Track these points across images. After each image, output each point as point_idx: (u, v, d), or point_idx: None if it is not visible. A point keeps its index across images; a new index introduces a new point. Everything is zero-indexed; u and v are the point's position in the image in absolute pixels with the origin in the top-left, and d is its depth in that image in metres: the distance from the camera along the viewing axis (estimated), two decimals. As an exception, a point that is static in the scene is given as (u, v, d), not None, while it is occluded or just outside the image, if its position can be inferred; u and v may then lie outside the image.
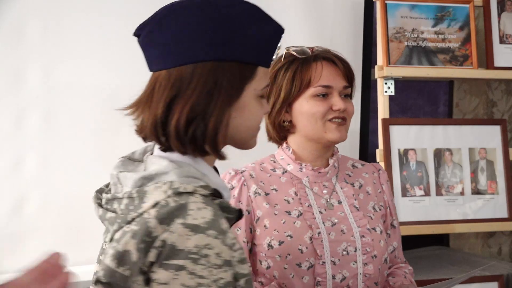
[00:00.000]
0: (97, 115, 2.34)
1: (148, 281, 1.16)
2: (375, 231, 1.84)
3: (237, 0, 1.29)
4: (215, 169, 1.36)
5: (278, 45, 1.34)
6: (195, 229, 1.17)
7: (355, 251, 1.79)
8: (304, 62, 1.83)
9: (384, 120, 2.67)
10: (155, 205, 1.18)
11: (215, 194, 1.24)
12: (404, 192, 2.64)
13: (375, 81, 2.71)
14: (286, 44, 1.85)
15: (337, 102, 1.80)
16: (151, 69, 1.28)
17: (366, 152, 2.88)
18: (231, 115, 1.27)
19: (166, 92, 1.24)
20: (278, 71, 1.86)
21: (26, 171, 2.29)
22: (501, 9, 2.86)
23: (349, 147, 2.80)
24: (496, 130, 2.81)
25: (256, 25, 1.28)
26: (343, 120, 1.83)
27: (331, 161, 1.89)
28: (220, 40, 1.25)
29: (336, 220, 1.82)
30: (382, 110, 2.68)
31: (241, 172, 1.85)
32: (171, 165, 1.25)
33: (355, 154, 2.83)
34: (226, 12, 1.26)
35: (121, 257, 1.17)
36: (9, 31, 2.36)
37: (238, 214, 1.29)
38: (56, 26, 2.33)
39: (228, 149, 1.37)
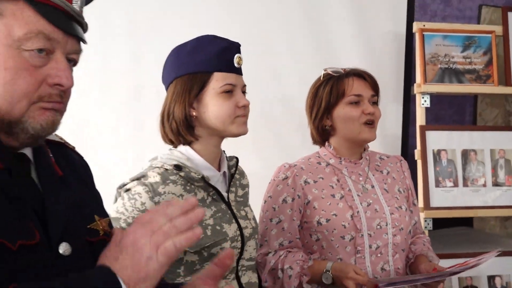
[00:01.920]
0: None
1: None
2: (401, 208, 1.97)
3: (196, 38, 1.60)
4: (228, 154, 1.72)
5: (238, 55, 1.57)
6: (139, 183, 1.53)
7: (386, 225, 1.92)
8: (339, 78, 1.98)
9: (421, 126, 2.83)
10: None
11: (177, 168, 1.54)
12: (437, 184, 2.77)
13: (414, 96, 2.87)
14: (341, 66, 2.08)
15: (367, 107, 1.95)
16: None
17: (406, 152, 3.00)
18: (200, 111, 1.57)
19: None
20: (318, 88, 2.00)
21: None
22: (519, 38, 2.93)
23: (392, 148, 2.95)
24: (512, 135, 2.90)
25: (204, 48, 1.56)
26: (372, 123, 1.96)
27: (363, 155, 2.05)
28: (177, 64, 1.59)
29: (370, 201, 1.95)
30: (420, 119, 2.83)
31: (294, 166, 2.00)
32: (167, 152, 1.61)
33: (398, 154, 2.86)
34: (184, 46, 1.60)
35: None
36: (128, 55, 2.58)
37: (205, 181, 1.58)
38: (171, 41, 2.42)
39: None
